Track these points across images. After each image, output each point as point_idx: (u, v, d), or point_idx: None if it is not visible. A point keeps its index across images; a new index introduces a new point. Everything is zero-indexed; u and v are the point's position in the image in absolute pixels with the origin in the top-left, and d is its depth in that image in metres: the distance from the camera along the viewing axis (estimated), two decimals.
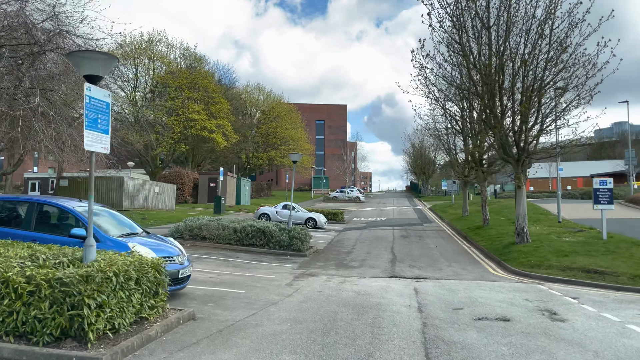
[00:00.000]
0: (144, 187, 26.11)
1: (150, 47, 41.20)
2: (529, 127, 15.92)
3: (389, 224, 30.03)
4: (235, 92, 54.46)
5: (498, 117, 16.19)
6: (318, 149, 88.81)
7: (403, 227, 27.86)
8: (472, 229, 24.04)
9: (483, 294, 10.24)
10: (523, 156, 16.37)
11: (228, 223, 17.95)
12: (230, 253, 16.09)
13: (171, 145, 38.69)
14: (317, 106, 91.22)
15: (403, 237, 22.84)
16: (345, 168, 61.67)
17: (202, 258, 14.62)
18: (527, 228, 17.10)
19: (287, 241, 17.14)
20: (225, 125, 41.57)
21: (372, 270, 13.73)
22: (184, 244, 17.37)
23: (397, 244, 20.29)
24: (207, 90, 41.25)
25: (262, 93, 60.87)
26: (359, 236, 23.18)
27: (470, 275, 13.38)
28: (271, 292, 9.97)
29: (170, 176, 37.47)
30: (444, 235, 23.81)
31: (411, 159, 74.02)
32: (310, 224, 26.50)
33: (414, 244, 20.40)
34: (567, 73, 15.36)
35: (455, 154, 29.34)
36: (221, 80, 50.33)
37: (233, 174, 40.17)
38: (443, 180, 61.89)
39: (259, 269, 13.25)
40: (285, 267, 14.09)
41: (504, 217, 26.14)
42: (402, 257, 16.67)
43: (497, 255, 16.35)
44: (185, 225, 17.89)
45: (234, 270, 12.85)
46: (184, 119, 38.32)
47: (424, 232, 25.27)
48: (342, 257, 16.70)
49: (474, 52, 16.53)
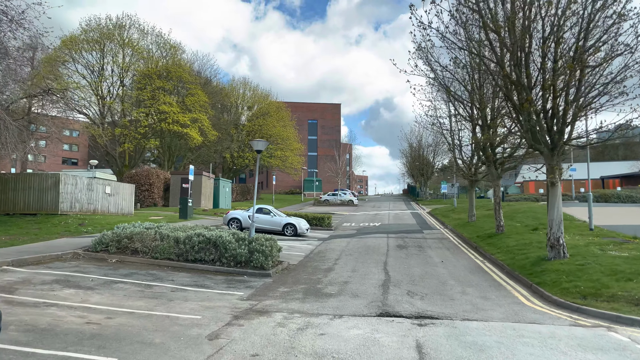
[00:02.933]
0: (90, 186, 21.80)
1: (120, 32, 36.97)
2: (570, 100, 11.74)
3: (383, 230, 25.82)
4: (217, 86, 50.16)
5: (527, 89, 12.01)
6: (310, 150, 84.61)
7: (400, 234, 23.67)
8: (482, 237, 19.85)
9: (534, 357, 6.04)
10: (560, 142, 12.19)
11: (169, 231, 13.67)
12: (163, 274, 11.81)
13: (138, 141, 34.34)
14: (309, 105, 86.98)
15: (399, 247, 18.64)
16: (338, 169, 57.42)
17: (113, 282, 10.33)
18: (563, 239, 12.89)
19: (246, 255, 12.91)
20: (201, 120, 37.26)
21: (354, 303, 9.49)
22: (107, 260, 13.27)
23: (391, 257, 16.06)
24: (181, 81, 36.97)
25: (249, 88, 56.67)
26: (346, 246, 18.96)
27: (498, 310, 9.17)
28: (171, 357, 5.73)
29: (137, 176, 33.15)
30: (449, 245, 19.62)
31: (408, 160, 69.87)
32: (289, 231, 22.24)
33: (413, 257, 16.18)
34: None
35: (460, 149, 25.18)
36: (201, 72, 46.06)
37: (210, 173, 35.88)
38: (443, 182, 57.74)
39: (186, 302, 8.98)
40: (230, 296, 9.84)
41: (520, 222, 21.96)
42: (398, 277, 12.45)
43: (525, 276, 12.14)
44: (113, 234, 13.60)
45: (147, 303, 8.60)
46: (154, 111, 34.02)
47: (424, 241, 21.07)
48: (318, 277, 12.45)
49: (490, 3, 12.41)
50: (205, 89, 43.63)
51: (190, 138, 35.92)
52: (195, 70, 43.83)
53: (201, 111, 38.14)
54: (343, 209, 46.05)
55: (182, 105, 36.38)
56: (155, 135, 36.22)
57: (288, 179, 77.36)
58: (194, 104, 36.96)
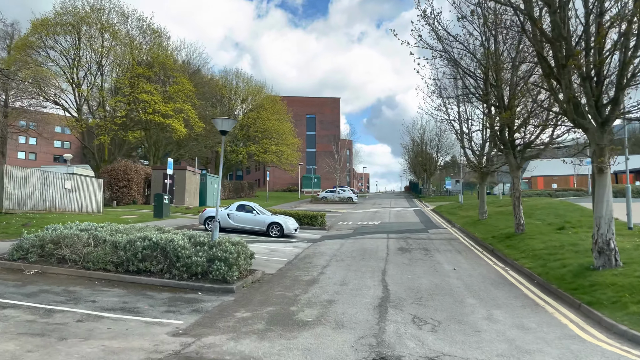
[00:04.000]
0: (44, 181, 18.91)
1: (98, 16, 34.00)
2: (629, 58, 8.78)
3: (383, 230, 22.90)
4: (206, 76, 47.15)
5: (571, 45, 9.05)
6: (309, 145, 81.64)
7: (402, 234, 20.75)
8: (499, 238, 16.89)
9: None
10: (615, 114, 9.23)
11: (108, 234, 10.75)
12: (87, 291, 8.90)
13: (116, 133, 31.40)
14: (307, 99, 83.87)
15: (402, 251, 15.72)
16: (336, 164, 54.41)
17: (1, 307, 7.39)
18: (615, 242, 9.93)
19: (204, 265, 10.00)
20: (187, 111, 34.31)
21: (337, 339, 6.57)
22: (24, 272, 9.78)
23: (392, 264, 13.14)
24: (164, 68, 34.01)
25: (242, 80, 53.66)
26: (338, 250, 16.04)
27: (548, 350, 6.23)
28: None
29: (114, 171, 30.27)
30: (461, 248, 16.68)
31: (410, 155, 66.80)
32: (274, 232, 19.32)
33: (418, 263, 13.26)
34: None
35: (469, 137, 22.20)
36: (190, 62, 43.08)
37: (195, 168, 32.98)
38: (447, 178, 54.73)
39: (84, 342, 6.07)
40: (160, 328, 6.91)
41: (540, 220, 18.99)
42: (401, 293, 9.52)
43: (569, 292, 9.20)
44: (35, 238, 10.68)
45: (19, 347, 5.67)
46: (132, 100, 31.10)
47: (430, 242, 18.14)
48: (295, 294, 9.53)
49: None
50: (193, 79, 40.68)
51: (174, 130, 32.99)
52: (182, 59, 40.87)
53: (186, 101, 35.19)
54: (341, 207, 43.13)
55: (165, 94, 33.41)
56: (137, 128, 33.30)
57: (285, 176, 74.43)
58: (178, 93, 33.99)
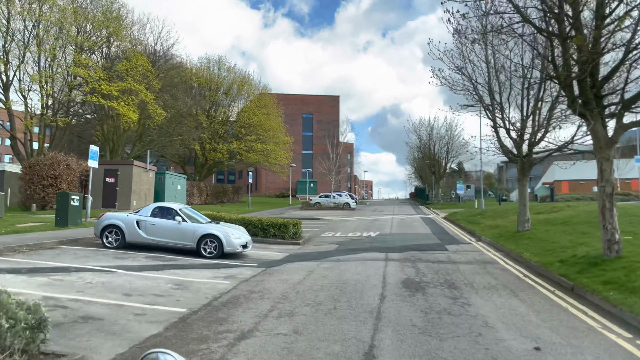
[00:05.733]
0: None
1: None
2: None
3: (381, 245, 16.00)
4: (181, 64, 40.39)
5: None
6: (305, 147, 74.89)
7: (408, 253, 13.85)
8: (576, 264, 9.92)
9: None
10: None
11: None
12: None
13: (41, 119, 24.70)
14: (303, 97, 77.13)
15: (409, 288, 8.84)
16: (331, 165, 47.54)
17: None
18: None
19: None
20: (141, 93, 27.58)
21: None
22: None
23: (390, 328, 6.24)
24: (112, 39, 27.32)
25: (225, 69, 46.96)
26: (298, 285, 9.14)
27: None
28: None
29: (38, 166, 23.56)
30: (509, 280, 9.72)
31: (416, 157, 59.72)
32: (208, 249, 12.39)
33: (444, 325, 6.35)
34: None
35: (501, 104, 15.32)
36: (156, 44, 36.13)
37: (147, 164, 26.17)
38: (458, 182, 47.66)
39: None
40: None
41: (629, 233, 11.99)
42: None
43: None
44: None
45: None
46: (65, 74, 24.40)
47: (454, 268, 11.23)
48: None
49: None
50: (157, 61, 34.01)
51: (122, 117, 26.26)
52: (153, 41, 34.07)
53: (142, 82, 28.47)
54: (335, 214, 36.19)
55: (111, 72, 26.74)
56: (73, 113, 26.61)
57: (279, 181, 67.65)
58: (128, 70, 27.25)
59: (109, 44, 27.17)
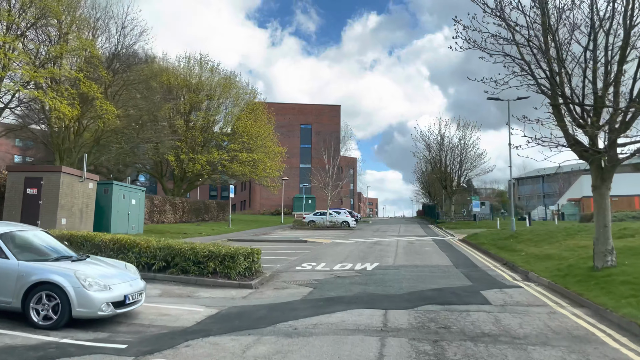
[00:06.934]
0: None
1: None
2: None
3: (376, 290, 10.04)
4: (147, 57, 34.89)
5: None
6: (303, 161, 69.15)
7: (422, 313, 7.92)
8: None
9: None
10: None
11: None
12: None
13: None
14: (302, 106, 71.68)
15: None
16: (327, 179, 41.69)
17: None
18: None
19: None
20: (81, 84, 22.00)
21: None
22: None
23: None
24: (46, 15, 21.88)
25: (209, 68, 41.51)
26: None
27: None
28: None
29: None
30: None
31: (425, 170, 53.70)
32: (42, 311, 6.49)
33: None
34: None
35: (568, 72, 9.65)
36: (118, 33, 30.46)
37: (83, 172, 20.42)
38: (474, 197, 41.55)
39: None
40: None
41: None
42: None
43: None
44: None
45: None
46: None
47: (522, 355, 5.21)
48: None
49: None
50: (119, 54, 28.60)
51: (52, 111, 20.65)
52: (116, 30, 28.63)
53: (87, 72, 22.94)
54: (329, 234, 30.20)
55: (41, 56, 21.31)
56: None
57: (274, 197, 61.81)
58: (64, 53, 21.76)
59: (45, 22, 21.71)
